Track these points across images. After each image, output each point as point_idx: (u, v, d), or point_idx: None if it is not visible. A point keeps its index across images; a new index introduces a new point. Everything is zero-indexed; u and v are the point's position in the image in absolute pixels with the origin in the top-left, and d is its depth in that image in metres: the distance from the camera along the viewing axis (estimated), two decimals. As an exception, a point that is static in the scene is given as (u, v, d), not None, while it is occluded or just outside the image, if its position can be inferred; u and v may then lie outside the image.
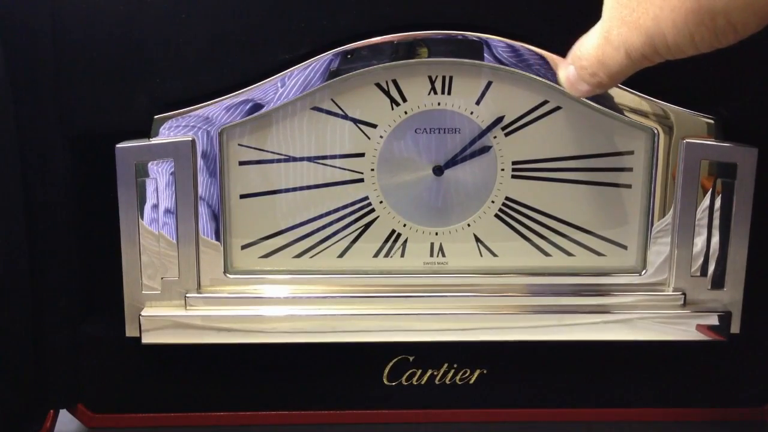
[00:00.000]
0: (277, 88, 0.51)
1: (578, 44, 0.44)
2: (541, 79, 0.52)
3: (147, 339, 0.53)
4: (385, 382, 0.57)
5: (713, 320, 0.54)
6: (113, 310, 0.55)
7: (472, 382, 0.58)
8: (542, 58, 0.51)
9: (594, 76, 0.43)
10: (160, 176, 0.52)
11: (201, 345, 0.55)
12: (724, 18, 0.33)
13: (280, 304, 0.54)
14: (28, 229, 0.53)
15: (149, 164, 0.52)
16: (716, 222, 0.54)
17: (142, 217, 0.52)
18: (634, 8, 0.37)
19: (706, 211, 0.54)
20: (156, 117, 0.52)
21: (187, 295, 0.54)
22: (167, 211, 0.53)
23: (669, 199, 0.54)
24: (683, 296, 0.54)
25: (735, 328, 0.55)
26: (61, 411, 0.57)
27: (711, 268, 0.54)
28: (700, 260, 0.54)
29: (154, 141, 0.52)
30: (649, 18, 0.36)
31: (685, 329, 0.54)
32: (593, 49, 0.42)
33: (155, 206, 0.52)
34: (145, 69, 0.51)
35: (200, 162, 0.52)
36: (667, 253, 0.54)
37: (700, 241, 0.54)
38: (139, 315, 0.53)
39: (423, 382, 0.57)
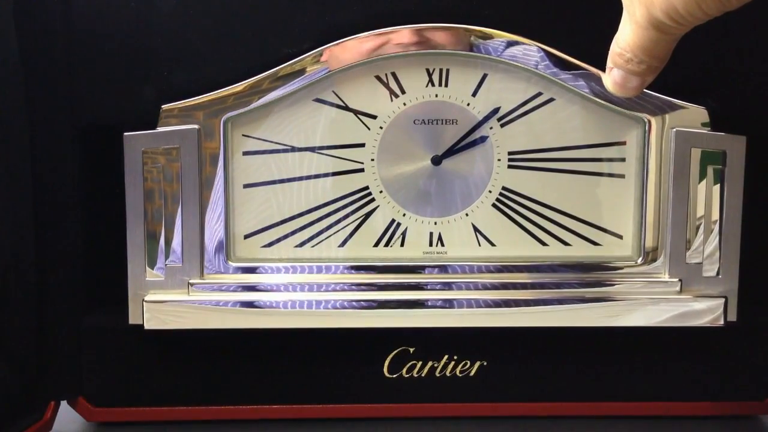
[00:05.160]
0: (280, 80, 0.53)
1: (613, 43, 0.44)
2: (535, 71, 0.54)
3: (150, 324, 0.54)
4: (386, 374, 0.58)
5: (710, 306, 0.55)
6: (117, 301, 0.55)
7: (472, 374, 0.58)
8: (536, 50, 0.54)
9: (641, 63, 0.43)
10: (166, 164, 0.53)
11: (202, 340, 0.56)
12: None
13: (282, 292, 0.55)
14: (35, 219, 0.54)
15: (156, 152, 0.53)
16: (708, 209, 0.55)
17: (148, 205, 0.54)
18: None
19: (698, 198, 0.55)
20: (163, 107, 0.53)
21: (191, 281, 0.54)
22: (172, 199, 0.54)
23: (662, 188, 0.55)
24: (679, 283, 0.55)
25: (732, 315, 0.55)
26: (61, 407, 0.57)
27: (705, 255, 0.55)
28: (694, 248, 0.55)
29: (160, 130, 0.53)
30: None
31: (682, 316, 0.55)
32: (630, 38, 0.42)
33: (161, 194, 0.54)
34: (153, 61, 0.54)
35: (205, 151, 0.54)
36: (663, 241, 0.55)
37: (693, 229, 0.55)
38: (143, 300, 0.54)
39: (423, 374, 0.58)
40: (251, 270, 0.56)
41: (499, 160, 0.56)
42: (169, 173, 0.54)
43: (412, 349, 0.58)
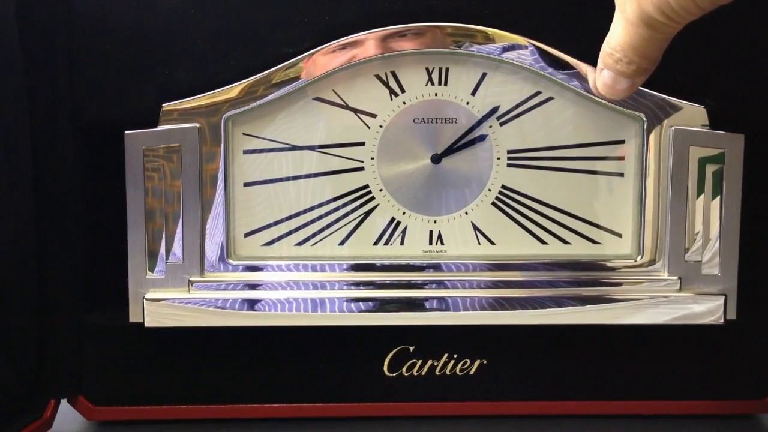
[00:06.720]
0: (274, 87, 0.54)
1: (604, 43, 0.44)
2: (533, 70, 0.54)
3: (150, 322, 0.54)
4: (386, 372, 0.58)
5: (709, 304, 0.55)
6: (118, 299, 0.56)
7: (472, 372, 0.58)
8: (534, 49, 0.54)
9: (631, 63, 0.43)
10: (166, 163, 0.54)
11: (202, 338, 0.56)
12: None
13: (282, 290, 0.55)
14: (35, 217, 0.54)
15: (156, 151, 0.53)
16: (707, 208, 0.55)
17: (148, 203, 0.54)
18: None
19: (696, 197, 0.55)
20: (164, 106, 0.54)
21: (191, 279, 0.54)
22: (173, 197, 0.54)
23: (661, 186, 0.55)
24: (679, 281, 0.55)
25: (731, 313, 0.56)
26: (61, 406, 0.57)
27: (705, 253, 0.55)
28: (694, 246, 0.55)
29: (161, 128, 0.54)
30: None
31: (681, 314, 0.55)
32: (621, 36, 0.42)
33: (161, 193, 0.54)
34: (154, 60, 0.54)
35: (205, 150, 0.54)
36: (662, 239, 0.56)
37: (692, 227, 0.55)
38: (143, 297, 0.54)
39: (423, 373, 0.58)
40: (252, 268, 0.56)
41: (498, 158, 0.56)
42: (169, 172, 0.54)
43: (412, 348, 0.58)
